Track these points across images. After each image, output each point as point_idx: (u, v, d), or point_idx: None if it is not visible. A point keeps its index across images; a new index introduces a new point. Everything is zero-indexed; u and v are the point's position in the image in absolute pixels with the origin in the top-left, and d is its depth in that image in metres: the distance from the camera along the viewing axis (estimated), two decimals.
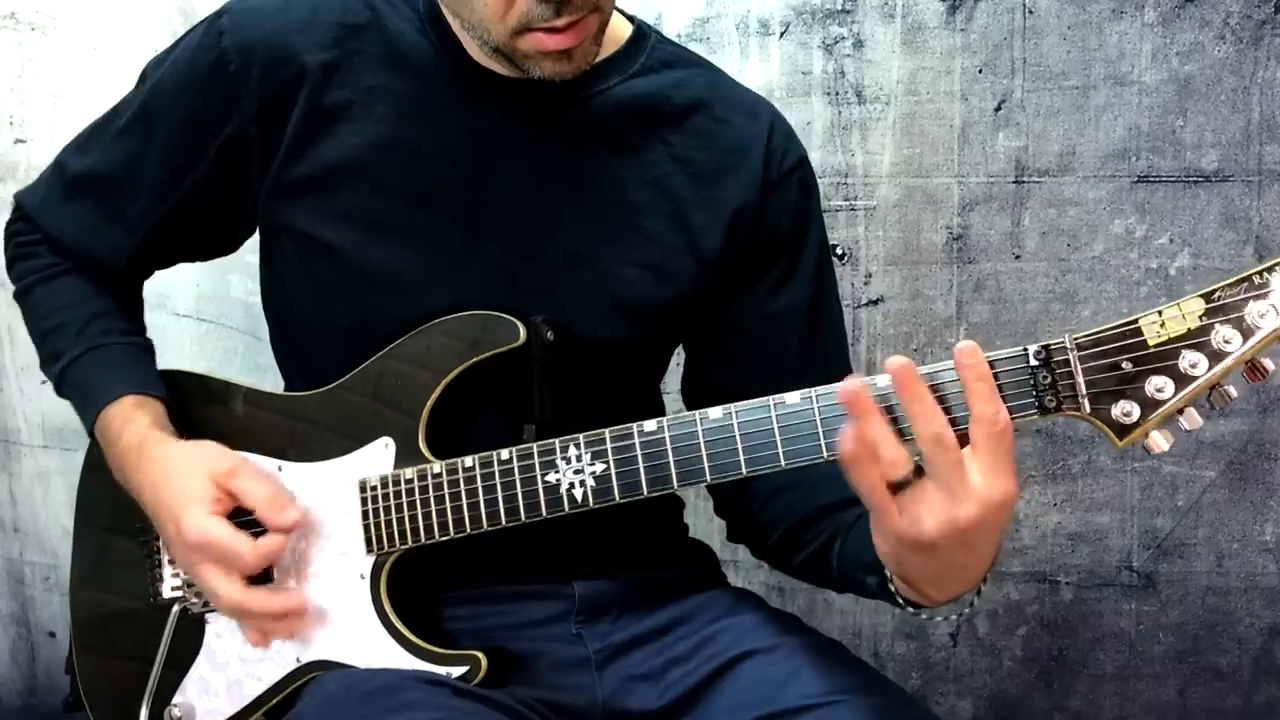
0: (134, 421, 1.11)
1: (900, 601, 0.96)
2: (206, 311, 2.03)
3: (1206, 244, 1.77)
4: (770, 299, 1.15)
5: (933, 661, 1.96)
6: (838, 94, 1.81)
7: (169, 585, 1.15)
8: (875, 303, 1.84)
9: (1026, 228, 1.80)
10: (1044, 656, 1.93)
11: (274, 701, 1.10)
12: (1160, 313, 0.86)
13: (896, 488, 0.86)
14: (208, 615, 1.13)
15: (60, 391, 1.19)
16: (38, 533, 2.17)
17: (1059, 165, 1.78)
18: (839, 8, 1.79)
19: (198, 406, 1.17)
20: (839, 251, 1.83)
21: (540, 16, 0.97)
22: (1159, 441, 0.88)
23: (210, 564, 1.04)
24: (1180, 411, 0.87)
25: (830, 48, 1.80)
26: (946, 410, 0.86)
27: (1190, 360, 0.85)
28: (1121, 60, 1.74)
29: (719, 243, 1.12)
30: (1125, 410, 0.87)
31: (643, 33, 1.15)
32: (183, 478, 1.06)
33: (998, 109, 1.78)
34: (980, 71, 1.77)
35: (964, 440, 0.85)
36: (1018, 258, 1.81)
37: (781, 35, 1.81)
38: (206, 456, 1.08)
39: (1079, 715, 1.94)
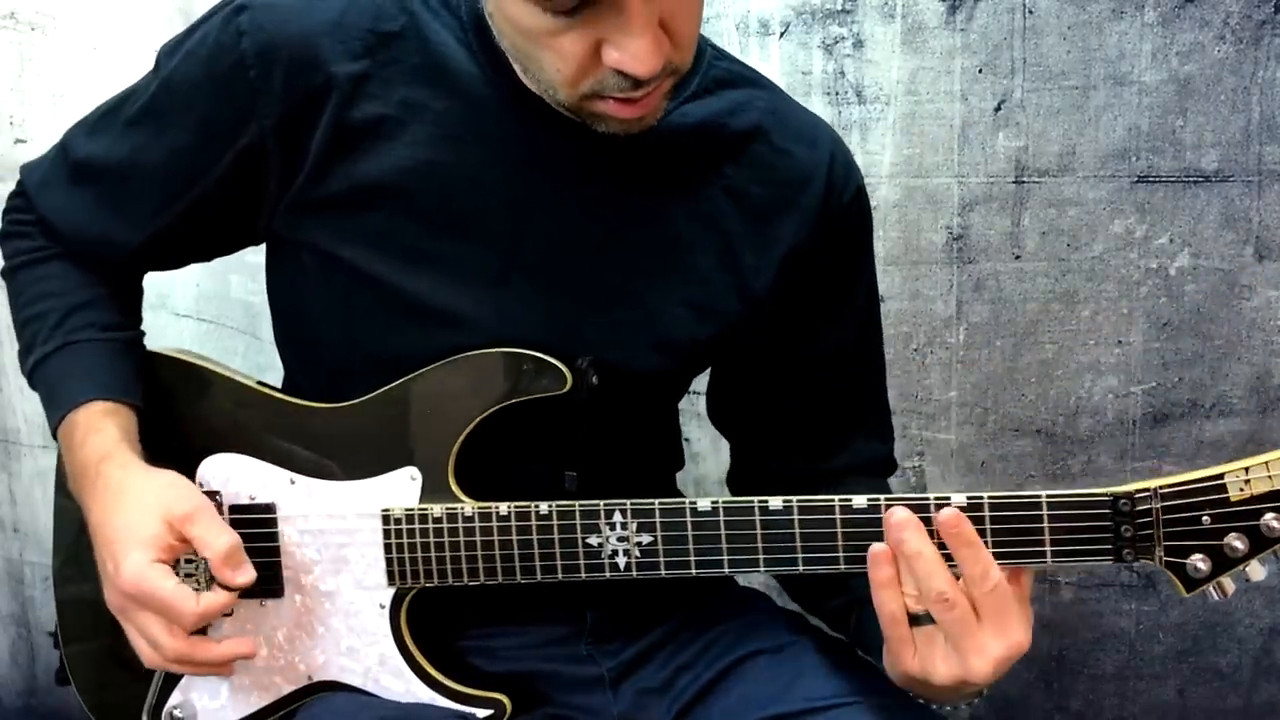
0: (99, 431, 1.03)
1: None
2: (206, 311, 2.03)
3: (1206, 244, 1.77)
4: (818, 334, 1.11)
5: None
6: (838, 94, 1.81)
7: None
8: None
9: (1026, 228, 1.80)
10: (1044, 656, 1.93)
11: (281, 713, 1.08)
12: (1246, 470, 0.86)
13: (914, 620, 0.86)
14: None
15: (33, 386, 1.12)
16: (37, 533, 2.17)
17: (1059, 165, 1.78)
18: (839, 8, 1.79)
19: (197, 398, 1.11)
20: None
21: (616, 87, 0.89)
22: (1227, 585, 0.89)
23: (147, 614, 0.96)
24: (1247, 564, 0.88)
25: (830, 48, 1.80)
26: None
27: (1268, 522, 0.85)
28: (1121, 60, 1.74)
29: (769, 284, 1.07)
30: (1196, 566, 0.87)
31: (699, 49, 1.05)
32: (135, 513, 0.97)
33: (998, 109, 1.78)
34: (980, 71, 1.77)
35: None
36: (1018, 258, 1.81)
37: (781, 35, 1.81)
38: (166, 495, 0.98)
39: (1079, 715, 1.94)
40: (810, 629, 1.14)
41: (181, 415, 1.11)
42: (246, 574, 0.97)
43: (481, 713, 1.01)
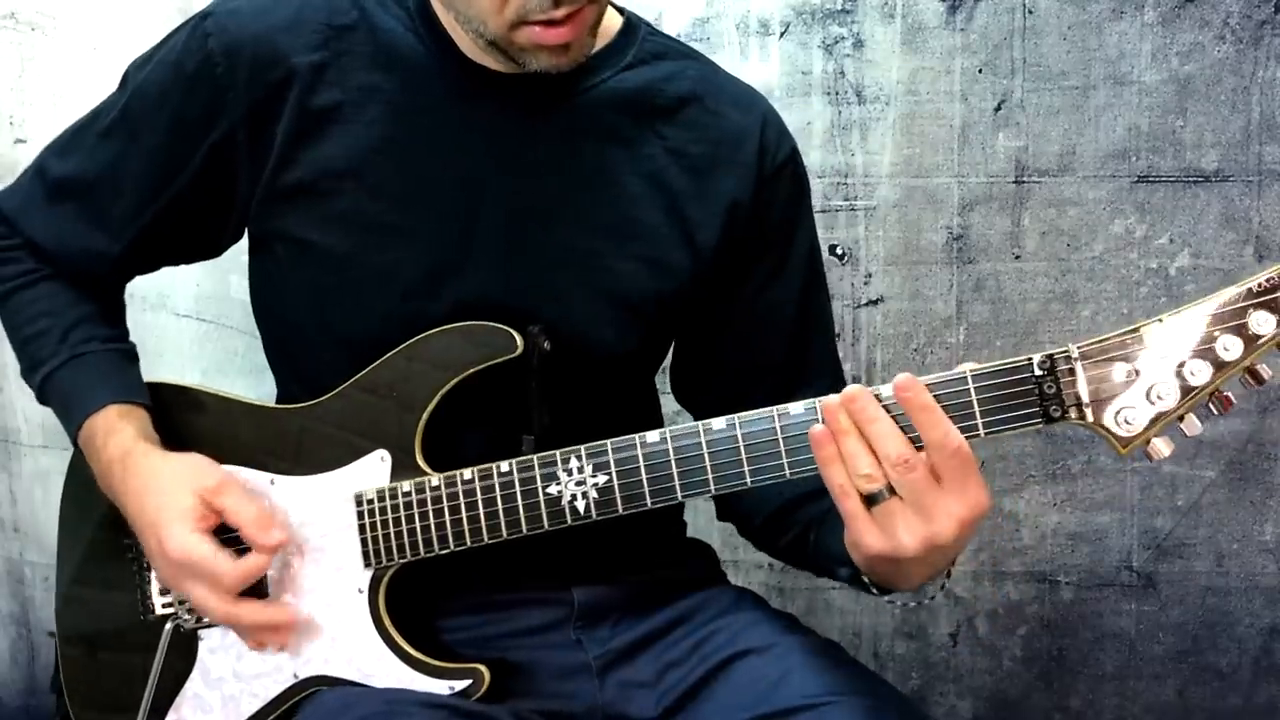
0: (118, 432, 1.09)
1: (873, 591, 0.99)
2: (206, 311, 2.03)
3: (1206, 244, 1.77)
4: (761, 292, 1.16)
5: (933, 661, 1.96)
6: (838, 94, 1.81)
7: (159, 602, 1.13)
8: (875, 303, 1.84)
9: (1026, 228, 1.80)
10: (1044, 656, 1.93)
11: (271, 718, 1.09)
12: (1162, 320, 0.87)
13: (870, 500, 0.88)
14: (200, 631, 1.12)
15: (43, 400, 1.17)
16: (38, 533, 2.17)
17: (1059, 165, 1.78)
18: (839, 8, 1.79)
19: (185, 420, 1.15)
20: (839, 251, 1.83)
21: (539, 8, 0.95)
22: (1160, 448, 0.89)
23: (195, 580, 1.03)
24: (1181, 418, 0.88)
25: (830, 48, 1.80)
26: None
27: (1191, 369, 0.86)
28: (1121, 60, 1.74)
29: (715, 236, 1.11)
30: (1125, 420, 0.88)
31: (632, 25, 1.14)
32: (168, 492, 1.04)
33: (998, 109, 1.78)
34: (980, 71, 1.77)
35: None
36: (1018, 258, 1.81)
37: (781, 35, 1.81)
38: (193, 471, 1.06)
39: (1079, 715, 1.94)
40: (800, 629, 1.14)
41: (176, 436, 1.14)
42: (275, 536, 1.03)
43: (459, 684, 1.03)
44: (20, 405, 2.09)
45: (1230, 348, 0.86)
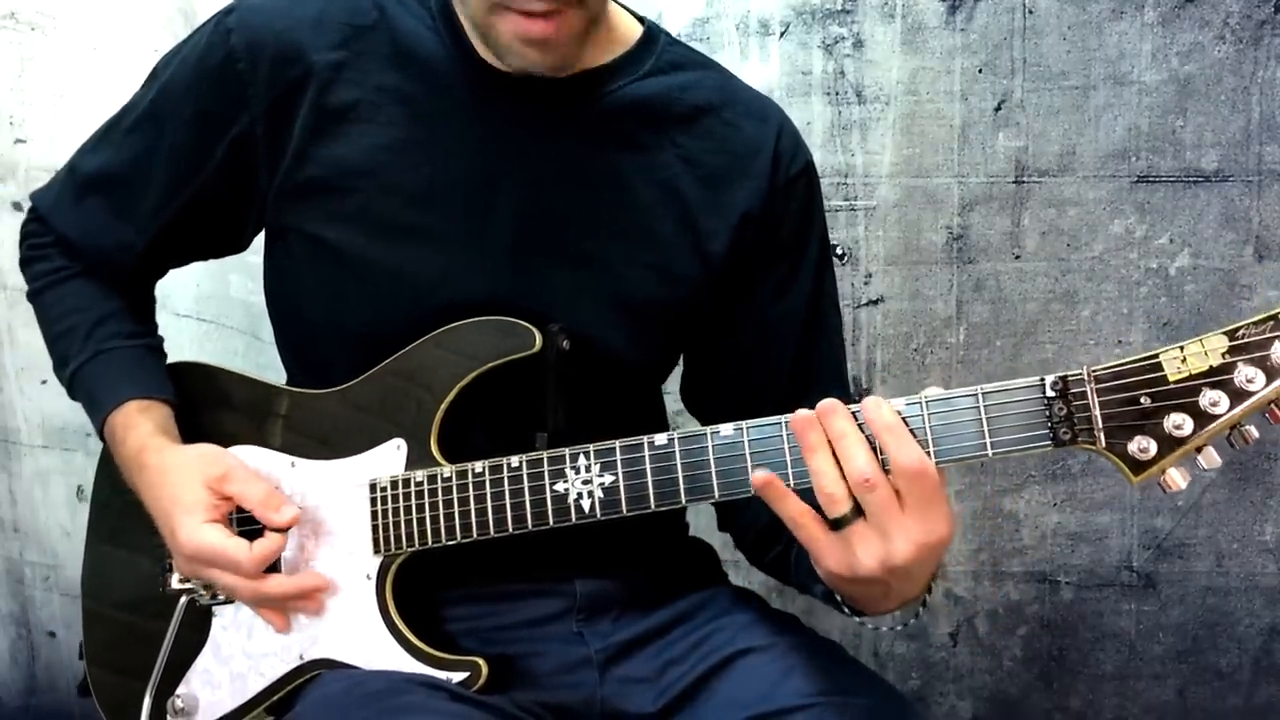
0: (136, 427, 1.12)
1: (846, 611, 0.99)
2: (206, 311, 2.03)
3: (1206, 244, 1.77)
4: (770, 303, 1.16)
5: (933, 661, 1.96)
6: (838, 94, 1.81)
7: (177, 576, 1.15)
8: (875, 303, 1.84)
9: (1026, 228, 1.80)
10: (1044, 656, 1.93)
11: (276, 697, 1.10)
12: (1182, 348, 0.84)
13: (837, 524, 0.88)
14: (214, 608, 1.14)
15: (73, 395, 1.20)
16: (38, 533, 2.17)
17: (1059, 165, 1.78)
18: (839, 8, 1.79)
19: (209, 400, 1.18)
20: (839, 251, 1.83)
21: None
22: (1175, 479, 0.86)
23: (214, 569, 1.05)
24: (1199, 450, 0.85)
25: (830, 48, 1.80)
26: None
27: (1211, 398, 0.83)
28: (1121, 60, 1.74)
29: (725, 246, 1.12)
30: (1142, 446, 0.85)
31: (652, 34, 1.15)
32: (178, 485, 1.07)
33: (998, 109, 1.78)
34: (980, 71, 1.77)
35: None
36: (1018, 258, 1.81)
37: (781, 35, 1.81)
38: (200, 462, 1.08)
39: (1079, 715, 1.94)
40: (800, 628, 1.15)
41: (200, 415, 1.17)
42: (288, 513, 1.06)
43: (458, 675, 1.04)
44: (20, 405, 2.09)
45: (1253, 379, 0.83)
